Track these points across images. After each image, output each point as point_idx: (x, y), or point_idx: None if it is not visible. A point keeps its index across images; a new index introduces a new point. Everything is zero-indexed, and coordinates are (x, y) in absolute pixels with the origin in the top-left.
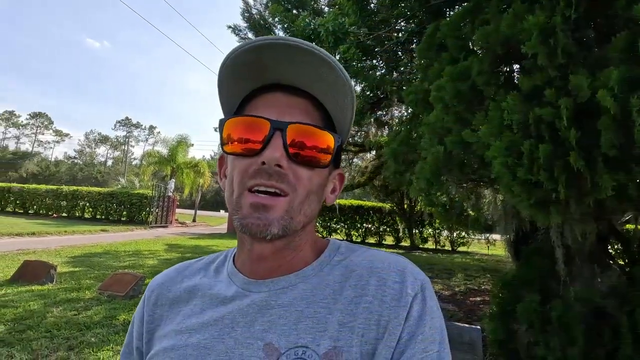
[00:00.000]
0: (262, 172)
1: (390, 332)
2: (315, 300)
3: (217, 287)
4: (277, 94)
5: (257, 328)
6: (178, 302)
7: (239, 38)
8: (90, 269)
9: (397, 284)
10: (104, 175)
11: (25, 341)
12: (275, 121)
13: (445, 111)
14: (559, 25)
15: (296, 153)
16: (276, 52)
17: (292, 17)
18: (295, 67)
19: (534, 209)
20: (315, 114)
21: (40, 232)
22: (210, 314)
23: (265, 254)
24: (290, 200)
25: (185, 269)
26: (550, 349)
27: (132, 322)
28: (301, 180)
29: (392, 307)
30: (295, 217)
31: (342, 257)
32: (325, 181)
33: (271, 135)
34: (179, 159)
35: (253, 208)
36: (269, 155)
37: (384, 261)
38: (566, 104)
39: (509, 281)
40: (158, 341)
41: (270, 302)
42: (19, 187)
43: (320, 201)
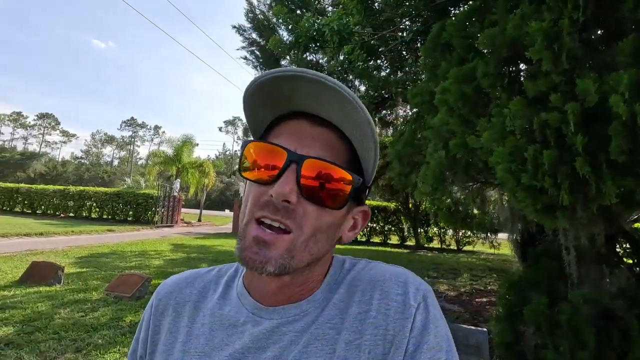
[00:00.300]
0: (270, 205)
1: (396, 345)
2: (323, 322)
3: (227, 307)
4: (303, 123)
5: (268, 354)
6: (185, 316)
7: (244, 38)
8: (97, 269)
9: (399, 296)
10: (110, 175)
11: (34, 343)
12: (293, 153)
13: (450, 114)
14: (566, 28)
15: (308, 189)
16: (298, 84)
17: (296, 18)
18: (319, 99)
19: (540, 214)
20: (339, 148)
21: (48, 232)
22: (221, 337)
23: (271, 287)
24: (293, 239)
25: (194, 280)
26: (560, 353)
27: (138, 328)
28: (309, 218)
29: (396, 320)
30: (298, 255)
31: (346, 273)
32: (341, 220)
33: (286, 167)
34: (184, 158)
35: (255, 241)
36: (277, 190)
37: (384, 274)
38: (573, 109)
39: (515, 283)
40: (162, 356)
41: (282, 329)
42: (27, 188)
43: (330, 240)
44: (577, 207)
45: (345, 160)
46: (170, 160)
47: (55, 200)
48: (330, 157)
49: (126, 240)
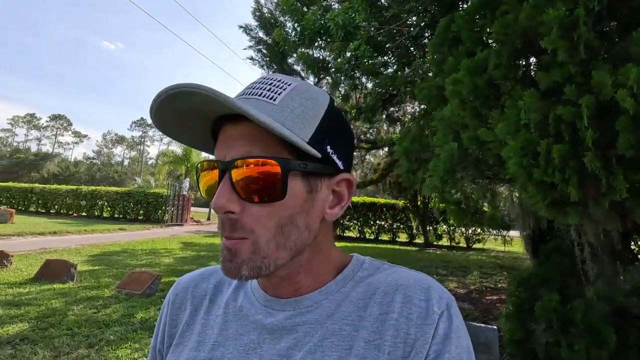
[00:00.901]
0: (223, 222)
1: (417, 350)
2: (340, 317)
3: (240, 299)
4: (227, 127)
5: (282, 345)
6: (201, 310)
7: (250, 37)
8: (108, 267)
9: (422, 302)
10: (120, 175)
11: (48, 339)
12: (222, 162)
13: (462, 106)
14: (582, 18)
15: (245, 192)
16: (182, 100)
17: (303, 12)
18: (201, 104)
19: (551, 209)
20: (265, 138)
21: (61, 231)
22: (235, 327)
23: (273, 282)
24: (252, 242)
25: (210, 275)
26: (574, 351)
27: (157, 325)
28: (259, 220)
29: (418, 325)
30: (271, 255)
31: (366, 274)
32: (306, 204)
33: (220, 178)
34: (194, 158)
35: (226, 251)
36: (214, 204)
37: (408, 279)
38: (587, 102)
39: (526, 279)
40: (180, 349)
41: (295, 320)
42: (41, 188)
43: (309, 225)
44: (589, 202)
45: (276, 145)
46: (180, 160)
47: (68, 199)
48: (257, 151)
49: (137, 239)
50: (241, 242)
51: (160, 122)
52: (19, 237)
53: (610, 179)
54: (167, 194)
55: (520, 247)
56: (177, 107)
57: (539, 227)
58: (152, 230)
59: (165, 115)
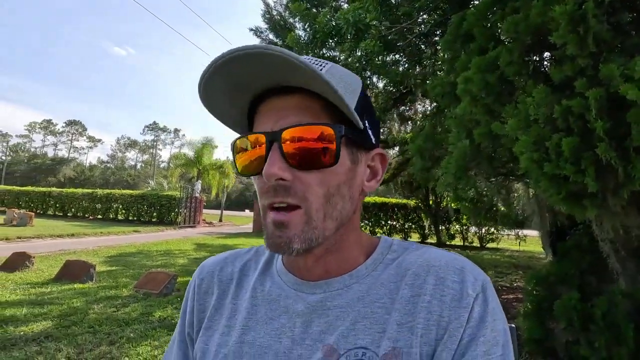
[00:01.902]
0: (270, 190)
1: (450, 333)
2: (371, 301)
3: (267, 283)
4: (272, 99)
5: (314, 329)
6: (229, 294)
7: (261, 40)
8: (125, 268)
9: (456, 284)
10: (134, 178)
11: (71, 336)
12: (269, 132)
13: (474, 103)
14: (591, 11)
15: (296, 159)
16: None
17: (314, 15)
18: (266, 71)
19: (567, 203)
20: (314, 107)
21: (78, 233)
22: (264, 312)
23: (308, 263)
24: (305, 211)
25: (234, 259)
26: (594, 349)
27: (182, 311)
28: (311, 187)
29: (452, 308)
30: (319, 225)
31: (395, 255)
32: (350, 174)
33: (268, 148)
34: (205, 160)
35: (274, 225)
36: (265, 172)
37: (440, 259)
38: (595, 94)
39: (544, 277)
40: (210, 333)
41: (327, 304)
42: (58, 192)
43: (349, 198)
44: (607, 194)
45: (325, 115)
46: (191, 162)
47: (85, 203)
48: (307, 119)
49: (151, 241)
50: (293, 214)
51: (208, 90)
52: (38, 239)
53: (628, 169)
54: (179, 196)
55: (535, 246)
56: (231, 73)
57: (557, 225)
58: (165, 232)
59: (217, 83)
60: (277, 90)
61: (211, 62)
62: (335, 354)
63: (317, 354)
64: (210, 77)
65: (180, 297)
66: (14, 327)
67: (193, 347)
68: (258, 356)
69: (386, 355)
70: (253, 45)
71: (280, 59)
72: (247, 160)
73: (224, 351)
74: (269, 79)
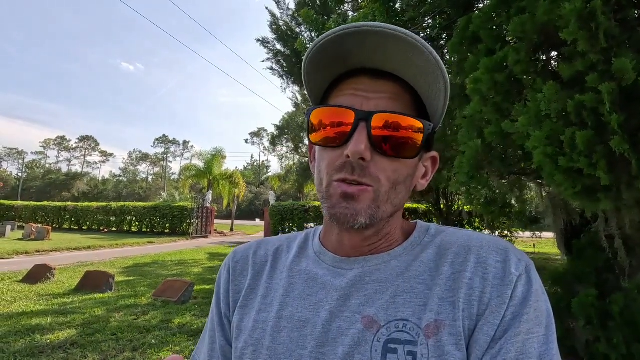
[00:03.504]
0: (347, 166)
1: (492, 309)
2: (411, 277)
3: (304, 263)
4: (363, 79)
5: (353, 302)
6: (263, 274)
7: (268, 50)
8: (142, 277)
9: (499, 264)
10: (145, 190)
11: (95, 343)
12: (360, 111)
13: (484, 103)
14: (600, 8)
15: (381, 144)
16: (360, 40)
17: (322, 22)
18: (381, 51)
19: (581, 197)
20: (404, 98)
21: (94, 245)
22: (301, 288)
23: (355, 242)
24: (375, 190)
25: (267, 244)
26: (614, 346)
27: (216, 294)
28: (385, 172)
29: (494, 286)
30: (382, 206)
31: (432, 237)
32: (415, 170)
33: (356, 126)
34: (215, 171)
35: (342, 197)
36: (352, 149)
37: (481, 240)
38: (608, 88)
39: (560, 276)
40: (245, 311)
41: (365, 278)
42: (74, 206)
43: (408, 189)
44: (622, 186)
45: (413, 109)
46: (202, 173)
47: (99, 216)
48: (397, 108)
49: (165, 251)
50: (364, 189)
51: (315, 58)
52: (56, 252)
53: None
54: (191, 207)
55: (550, 248)
56: (344, 47)
57: (571, 223)
58: (178, 242)
59: (326, 52)
60: (362, 70)
61: (337, 29)
62: (375, 325)
63: (357, 325)
64: (325, 45)
65: (198, 304)
66: (41, 336)
67: (231, 327)
68: (296, 329)
69: (428, 327)
70: (387, 25)
71: (411, 46)
72: (325, 132)
73: (262, 327)
74: (369, 59)
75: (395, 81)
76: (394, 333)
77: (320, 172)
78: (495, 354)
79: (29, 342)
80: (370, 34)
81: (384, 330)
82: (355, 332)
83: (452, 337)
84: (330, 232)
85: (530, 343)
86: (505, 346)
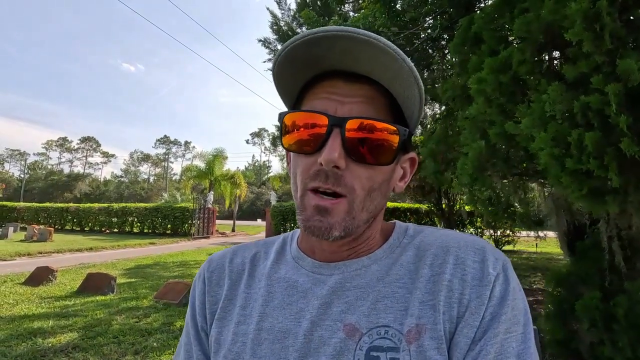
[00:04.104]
0: (321, 174)
1: (472, 311)
2: (391, 281)
3: (282, 270)
4: (337, 82)
5: (334, 310)
6: (240, 283)
7: (269, 50)
8: (144, 279)
9: (477, 264)
10: (147, 191)
11: (97, 346)
12: (333, 117)
13: (488, 104)
14: (606, 9)
15: (355, 151)
16: (329, 44)
17: (323, 23)
18: (352, 55)
19: (587, 199)
20: (379, 102)
21: (96, 247)
22: (281, 297)
23: (333, 249)
24: (349, 201)
25: (243, 251)
26: (619, 349)
27: (191, 306)
28: (360, 180)
29: (473, 287)
30: (357, 216)
31: (411, 239)
32: (391, 174)
33: (329, 132)
34: (216, 171)
35: (316, 210)
36: (326, 157)
37: (459, 240)
38: (614, 89)
39: (564, 278)
40: (224, 323)
41: (345, 284)
42: (76, 207)
43: (386, 195)
44: (629, 188)
45: (388, 113)
46: (203, 174)
47: (101, 217)
48: (372, 113)
49: (167, 252)
50: (337, 201)
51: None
52: (58, 253)
53: None
54: (192, 208)
55: (553, 248)
56: (314, 52)
57: (574, 224)
58: (180, 243)
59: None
60: (336, 72)
61: (306, 33)
62: (357, 333)
63: (339, 333)
64: (294, 49)
65: None
66: (42, 339)
67: (208, 340)
68: (277, 341)
69: (410, 332)
70: (357, 29)
71: (384, 52)
72: (298, 137)
73: (242, 339)
74: (341, 62)
75: (371, 84)
76: (376, 340)
77: (296, 178)
78: (475, 356)
79: (31, 345)
80: (339, 38)
81: (366, 337)
82: (337, 341)
83: (434, 341)
84: (308, 236)
85: (508, 342)
86: (485, 347)
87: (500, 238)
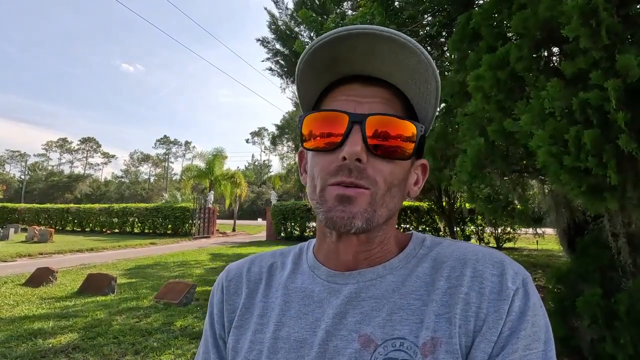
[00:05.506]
0: (343, 169)
1: (489, 325)
2: (407, 292)
3: (299, 280)
4: (355, 85)
5: (349, 320)
6: (258, 293)
7: (268, 50)
8: (144, 279)
9: (495, 277)
10: (148, 191)
11: (97, 347)
12: (354, 114)
13: (486, 101)
14: (602, 4)
15: (376, 146)
16: (353, 43)
17: (321, 22)
18: (373, 56)
19: (586, 196)
20: (395, 103)
21: (97, 247)
22: (297, 307)
23: (350, 248)
24: (372, 194)
25: (260, 260)
26: (621, 346)
27: (209, 314)
28: (381, 173)
29: (491, 300)
30: (378, 209)
31: (428, 250)
32: (408, 174)
33: (350, 129)
34: (216, 171)
35: (338, 200)
36: (348, 150)
37: (477, 253)
38: (614, 85)
39: (564, 275)
40: (241, 331)
41: (361, 294)
42: (76, 208)
43: (402, 194)
44: (628, 185)
45: (404, 113)
46: (203, 174)
47: (102, 217)
48: (390, 112)
49: (168, 252)
50: (360, 191)
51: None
52: (59, 254)
53: None
54: (193, 208)
55: (553, 245)
56: (336, 53)
57: (574, 221)
58: (180, 243)
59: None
60: (353, 77)
61: (330, 33)
62: (372, 345)
63: (354, 344)
64: (319, 49)
65: (200, 306)
66: (43, 340)
67: (226, 348)
68: (293, 350)
69: (425, 345)
70: (378, 27)
71: (404, 48)
72: (319, 136)
73: (258, 348)
74: (360, 65)
75: (387, 87)
76: (391, 352)
77: (314, 178)
78: None
79: (31, 346)
80: (362, 35)
81: (381, 349)
82: (352, 352)
83: (449, 355)
84: (324, 243)
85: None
86: None
87: (500, 235)
